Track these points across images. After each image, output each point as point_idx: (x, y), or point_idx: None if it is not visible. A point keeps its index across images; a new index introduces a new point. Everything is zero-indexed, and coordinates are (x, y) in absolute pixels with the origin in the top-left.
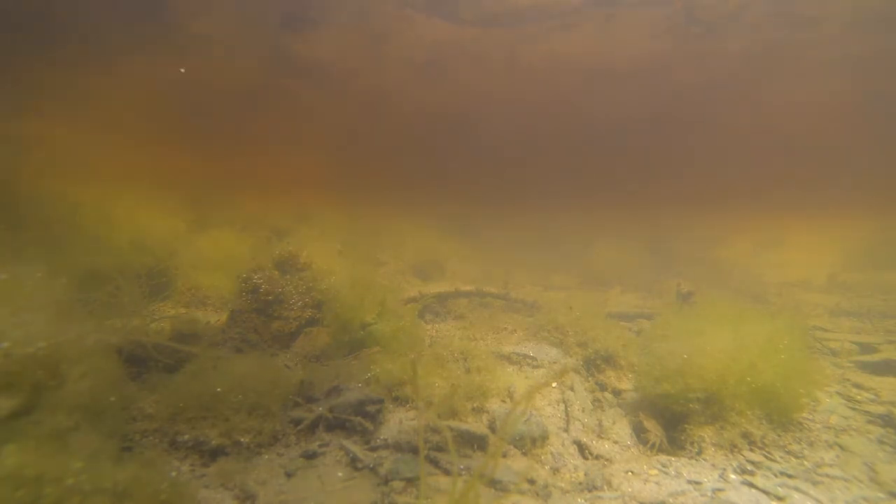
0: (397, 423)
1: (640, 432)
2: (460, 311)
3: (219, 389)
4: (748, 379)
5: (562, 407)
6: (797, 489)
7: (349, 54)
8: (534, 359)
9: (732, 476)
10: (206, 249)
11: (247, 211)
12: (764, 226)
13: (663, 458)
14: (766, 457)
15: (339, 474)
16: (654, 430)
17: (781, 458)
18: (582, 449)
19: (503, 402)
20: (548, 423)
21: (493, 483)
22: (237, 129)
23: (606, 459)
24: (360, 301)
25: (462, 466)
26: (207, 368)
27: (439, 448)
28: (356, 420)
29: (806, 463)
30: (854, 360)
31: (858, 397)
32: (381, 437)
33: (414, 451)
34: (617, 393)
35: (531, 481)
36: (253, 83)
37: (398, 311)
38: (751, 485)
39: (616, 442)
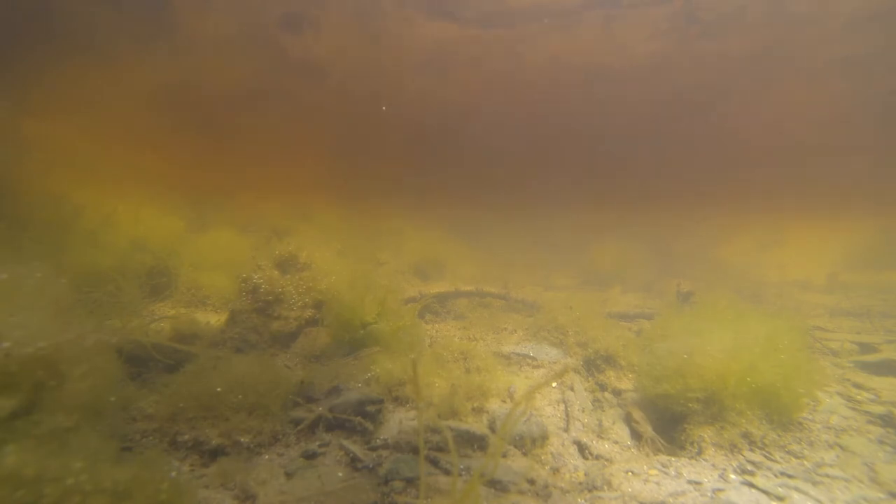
0: (397, 423)
1: (629, 422)
2: (460, 311)
3: (219, 389)
4: (748, 379)
5: (562, 407)
6: (797, 489)
7: (349, 54)
8: (534, 359)
9: (732, 476)
10: (206, 249)
11: (247, 211)
12: (764, 226)
13: (663, 458)
14: (766, 457)
15: (339, 474)
16: (643, 422)
17: (781, 458)
18: (582, 449)
19: (503, 402)
20: (548, 423)
21: (493, 483)
22: (238, 129)
23: (606, 459)
24: (360, 301)
25: (462, 466)
26: (207, 368)
27: (439, 448)
28: (356, 420)
29: (806, 463)
30: (854, 360)
31: (858, 397)
32: (381, 437)
33: (414, 451)
34: (617, 393)
35: (531, 481)
36: (253, 83)
37: (398, 311)
38: (751, 485)
39: (616, 442)
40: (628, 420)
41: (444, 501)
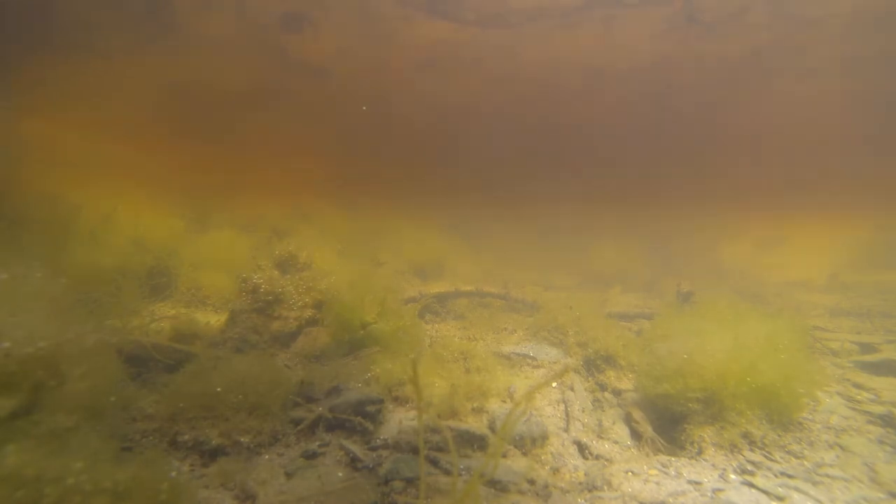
0: (397, 423)
1: (629, 422)
2: (460, 311)
3: (219, 389)
4: (748, 379)
5: (562, 407)
6: (797, 489)
7: (349, 54)
8: (534, 359)
9: (732, 476)
10: (206, 249)
11: (247, 211)
12: (764, 226)
13: (663, 458)
14: (766, 457)
15: (339, 474)
16: (643, 422)
17: (781, 458)
18: (582, 449)
19: (503, 402)
20: (548, 423)
21: (493, 483)
22: (237, 129)
23: (606, 459)
24: (360, 301)
25: (462, 466)
26: (207, 368)
27: (439, 448)
28: (356, 420)
29: (806, 463)
30: (854, 360)
31: (858, 397)
32: (381, 437)
33: (414, 451)
34: (617, 393)
35: (531, 481)
36: (253, 83)
37: (398, 311)
38: (751, 485)
39: (616, 442)
40: (628, 420)
41: (444, 501)
